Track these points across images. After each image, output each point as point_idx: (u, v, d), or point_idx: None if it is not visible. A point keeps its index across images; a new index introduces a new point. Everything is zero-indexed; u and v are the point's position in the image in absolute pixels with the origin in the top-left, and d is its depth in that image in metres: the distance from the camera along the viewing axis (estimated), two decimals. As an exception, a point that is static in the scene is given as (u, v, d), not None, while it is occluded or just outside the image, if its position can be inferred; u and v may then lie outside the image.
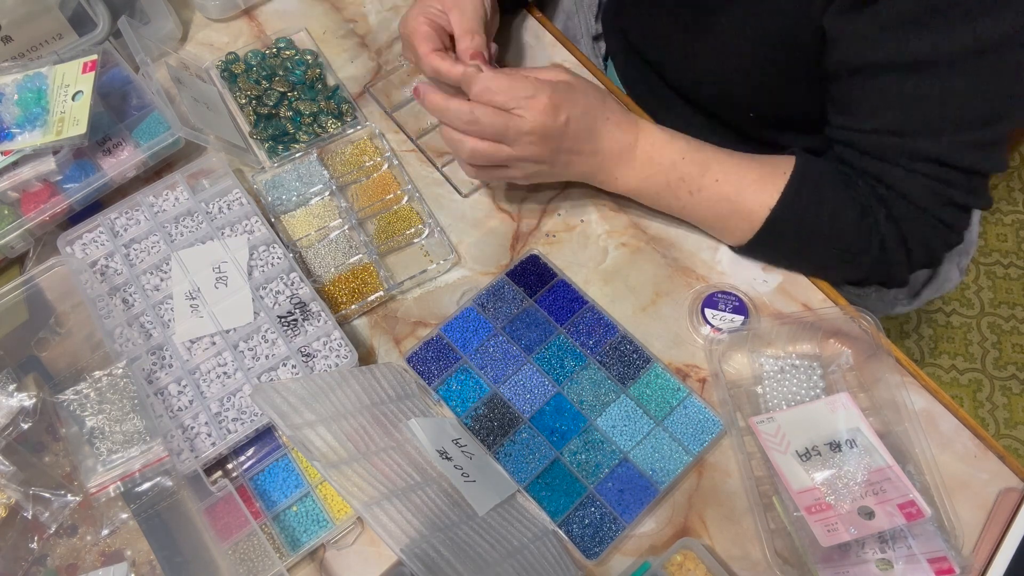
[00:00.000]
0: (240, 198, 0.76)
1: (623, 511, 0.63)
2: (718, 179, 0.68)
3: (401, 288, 0.74)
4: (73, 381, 0.66)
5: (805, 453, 0.62)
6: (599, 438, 0.66)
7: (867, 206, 0.65)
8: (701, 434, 0.66)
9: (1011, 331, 1.67)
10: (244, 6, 0.91)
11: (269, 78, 0.85)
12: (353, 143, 0.81)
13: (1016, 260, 1.75)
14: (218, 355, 0.68)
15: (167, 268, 0.72)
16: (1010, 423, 1.58)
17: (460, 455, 0.63)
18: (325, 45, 0.89)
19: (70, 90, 0.72)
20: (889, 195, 0.65)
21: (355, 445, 0.58)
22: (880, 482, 0.60)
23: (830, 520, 0.59)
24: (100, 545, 0.62)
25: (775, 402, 0.66)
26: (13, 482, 0.62)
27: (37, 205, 0.72)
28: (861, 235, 0.66)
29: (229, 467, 0.66)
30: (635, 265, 0.75)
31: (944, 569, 0.57)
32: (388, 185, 0.79)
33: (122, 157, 0.76)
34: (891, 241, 0.66)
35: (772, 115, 0.80)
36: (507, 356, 0.70)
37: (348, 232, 0.76)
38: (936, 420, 0.67)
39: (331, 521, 0.64)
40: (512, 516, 0.62)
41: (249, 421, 0.65)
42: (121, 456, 0.63)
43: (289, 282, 0.72)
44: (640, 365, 0.69)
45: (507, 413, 0.68)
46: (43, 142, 0.70)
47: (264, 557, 0.61)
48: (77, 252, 0.72)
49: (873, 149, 0.65)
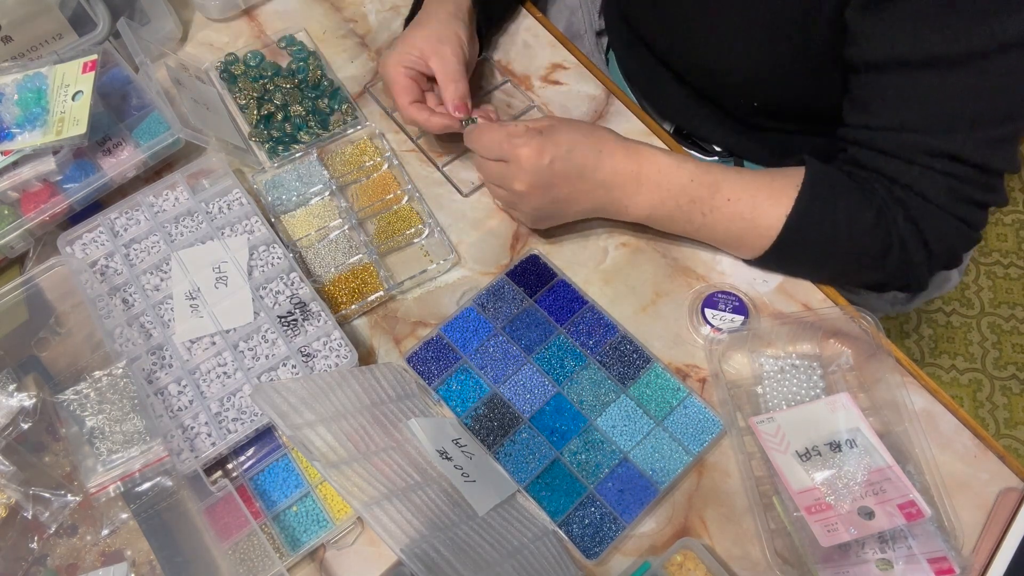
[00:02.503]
0: (240, 198, 0.76)
1: (623, 511, 0.63)
2: (730, 198, 0.67)
3: (401, 288, 0.74)
4: (73, 381, 0.66)
5: (805, 453, 0.62)
6: (599, 438, 0.66)
7: (883, 208, 0.65)
8: (701, 434, 0.66)
9: (1011, 331, 1.66)
10: (244, 6, 0.91)
11: (269, 78, 0.85)
12: (353, 143, 0.81)
13: (1016, 260, 1.75)
14: (218, 355, 0.68)
15: (167, 268, 0.72)
16: (1010, 423, 1.58)
17: (460, 455, 0.63)
18: (325, 45, 0.89)
19: (70, 90, 0.72)
20: (906, 195, 0.64)
21: (355, 445, 0.58)
22: (880, 482, 0.60)
23: (830, 520, 0.59)
24: (100, 545, 0.62)
25: (775, 402, 0.66)
26: (13, 482, 0.62)
27: (37, 205, 0.72)
28: (879, 238, 0.65)
29: (229, 467, 0.66)
30: (635, 265, 0.75)
31: (944, 569, 0.57)
32: (388, 185, 0.79)
33: (122, 157, 0.76)
34: (911, 242, 0.65)
35: (779, 106, 0.80)
36: (507, 356, 0.70)
37: (348, 232, 0.76)
38: (936, 420, 0.67)
39: (331, 521, 0.64)
40: (512, 516, 0.62)
41: (249, 421, 0.65)
42: (121, 456, 0.63)
43: (289, 282, 0.72)
44: (640, 365, 0.69)
45: (507, 413, 0.68)
46: (43, 142, 0.70)
47: (264, 557, 0.61)
48: (77, 252, 0.72)
49: (889, 147, 0.64)
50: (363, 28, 0.90)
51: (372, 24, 0.91)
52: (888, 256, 0.66)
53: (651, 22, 0.86)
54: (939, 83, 0.60)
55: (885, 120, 0.64)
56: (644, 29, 0.88)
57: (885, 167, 0.65)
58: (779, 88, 0.76)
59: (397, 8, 0.92)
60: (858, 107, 0.66)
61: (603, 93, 0.84)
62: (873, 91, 0.64)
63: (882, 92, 0.63)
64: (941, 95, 0.61)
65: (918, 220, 0.65)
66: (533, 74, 0.86)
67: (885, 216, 0.65)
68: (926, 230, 0.65)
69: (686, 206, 0.68)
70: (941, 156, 0.62)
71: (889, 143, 0.64)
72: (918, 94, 0.61)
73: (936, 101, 0.61)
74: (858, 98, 0.66)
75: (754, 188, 0.67)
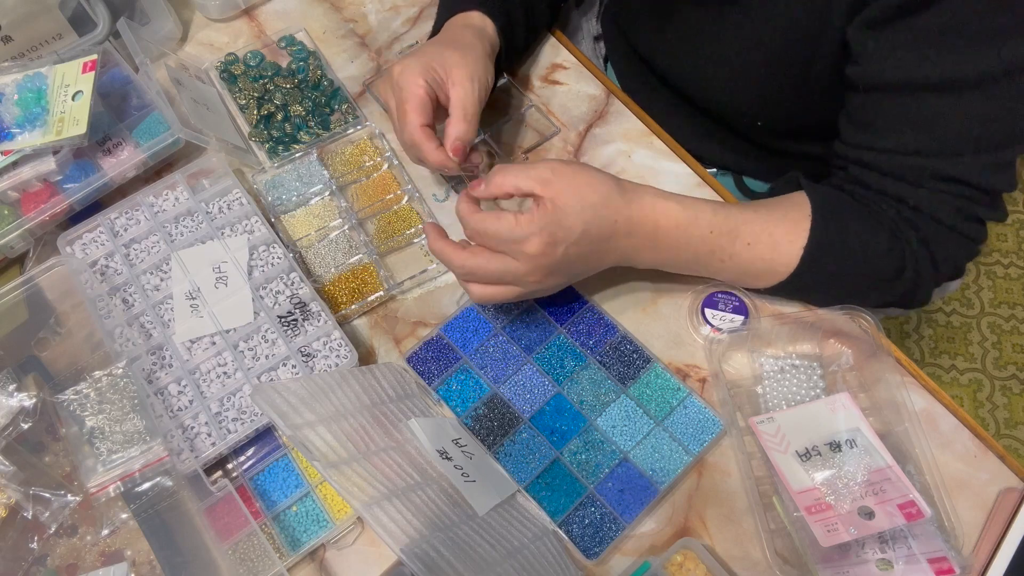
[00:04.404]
0: (240, 198, 0.76)
1: (623, 511, 0.63)
2: (749, 243, 0.64)
3: (401, 288, 0.74)
4: (73, 381, 0.66)
5: (805, 453, 0.62)
6: (599, 438, 0.66)
7: (895, 230, 0.64)
8: (701, 434, 0.66)
9: (1011, 331, 1.67)
10: (244, 6, 0.91)
11: (269, 78, 0.85)
12: (353, 143, 0.81)
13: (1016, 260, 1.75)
14: (218, 355, 0.68)
15: (167, 268, 0.72)
16: (1010, 423, 1.58)
17: (460, 455, 0.63)
18: (325, 45, 0.89)
19: (70, 90, 0.72)
20: (915, 216, 0.64)
21: (355, 445, 0.58)
22: (880, 482, 0.60)
23: (830, 520, 0.59)
24: (100, 545, 0.62)
25: (775, 402, 0.66)
26: (13, 482, 0.62)
27: (37, 205, 0.72)
28: (894, 260, 0.64)
29: (229, 467, 0.66)
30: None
31: (944, 569, 0.57)
32: (388, 185, 0.79)
33: (122, 157, 0.76)
34: (923, 262, 0.65)
35: (780, 124, 0.79)
36: (507, 356, 0.70)
37: (348, 232, 0.76)
38: (936, 420, 0.67)
39: (331, 521, 0.64)
40: (512, 516, 0.62)
41: (249, 421, 0.65)
42: (121, 456, 0.63)
43: (289, 282, 0.72)
44: (640, 365, 0.69)
45: (507, 413, 0.68)
46: (43, 142, 0.70)
47: (264, 557, 0.61)
48: (77, 252, 0.72)
49: (895, 170, 0.63)
50: (363, 28, 0.90)
51: (372, 24, 0.91)
52: (900, 278, 0.65)
53: (653, 42, 0.85)
54: (945, 106, 0.59)
55: (889, 142, 0.63)
56: (644, 47, 0.87)
57: (892, 189, 0.64)
58: (785, 107, 0.76)
59: (397, 8, 0.92)
60: (859, 127, 0.65)
61: (603, 93, 0.84)
62: (876, 112, 0.63)
63: (885, 113, 0.63)
64: (947, 119, 0.60)
65: (929, 240, 0.64)
66: (533, 74, 0.86)
67: (898, 238, 0.64)
68: (936, 250, 0.64)
69: (705, 258, 0.65)
70: (948, 180, 0.62)
71: (894, 165, 0.63)
72: (923, 117, 0.61)
73: (942, 125, 0.60)
74: (859, 117, 0.65)
75: (771, 226, 0.64)
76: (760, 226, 0.64)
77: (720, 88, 0.79)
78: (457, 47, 0.69)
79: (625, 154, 0.81)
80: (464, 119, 0.66)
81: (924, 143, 0.62)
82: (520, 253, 0.59)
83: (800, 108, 0.75)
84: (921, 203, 0.63)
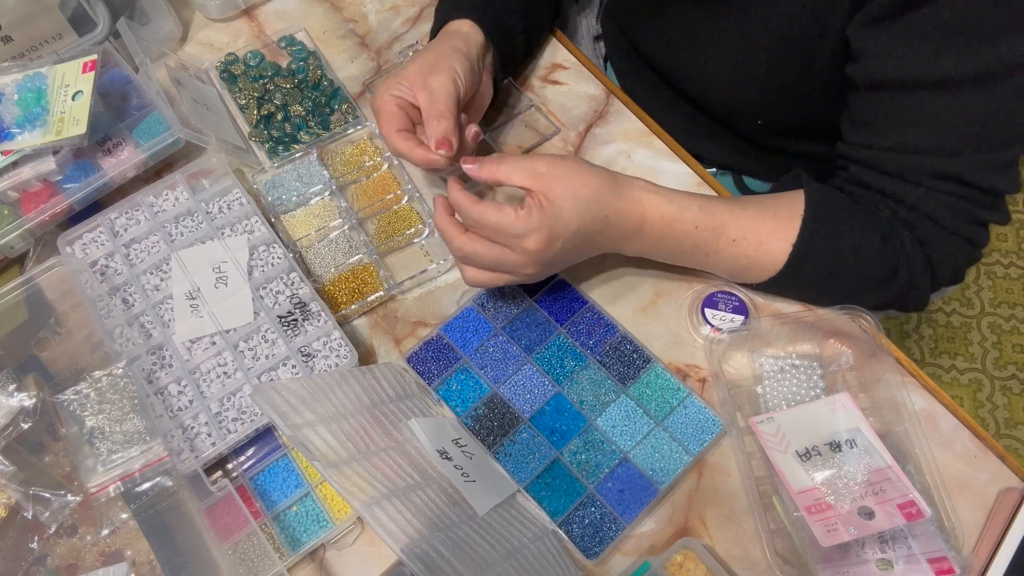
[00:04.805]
0: (240, 198, 0.76)
1: (623, 511, 0.63)
2: (735, 239, 0.65)
3: (401, 288, 0.74)
4: (73, 381, 0.66)
5: (805, 453, 0.62)
6: (599, 438, 0.66)
7: (889, 231, 0.64)
8: (701, 434, 0.66)
9: (1011, 331, 1.67)
10: (244, 6, 0.91)
11: (269, 78, 0.85)
12: (353, 143, 0.81)
13: (1016, 260, 1.75)
14: (218, 355, 0.68)
15: (167, 268, 0.72)
16: (1010, 423, 1.58)
17: (460, 455, 0.63)
18: (325, 45, 0.89)
19: (70, 90, 0.72)
20: (912, 216, 0.64)
21: (355, 445, 0.58)
22: (880, 482, 0.60)
23: (830, 520, 0.59)
24: (100, 545, 0.62)
25: (775, 402, 0.66)
26: (13, 482, 0.62)
27: (37, 205, 0.72)
28: (885, 262, 0.64)
29: (229, 467, 0.66)
30: (635, 265, 0.75)
31: (944, 569, 0.57)
32: (388, 185, 0.79)
33: (122, 157, 0.76)
34: (917, 264, 0.64)
35: (780, 123, 0.79)
36: (507, 356, 0.70)
37: (348, 232, 0.76)
38: (936, 420, 0.67)
39: (331, 521, 0.64)
40: (512, 516, 0.62)
41: (249, 421, 0.65)
42: (121, 456, 0.63)
43: (289, 282, 0.72)
44: (640, 365, 0.69)
45: (507, 413, 0.68)
46: (43, 142, 0.70)
47: (264, 557, 0.61)
48: (77, 252, 0.72)
49: (894, 168, 0.63)
50: (363, 28, 0.90)
51: (372, 24, 0.91)
52: (894, 279, 0.65)
53: (653, 42, 0.85)
54: (945, 104, 0.59)
55: (889, 140, 0.63)
56: (645, 47, 0.87)
57: (890, 188, 0.64)
58: (785, 106, 0.76)
59: (397, 8, 0.92)
60: (860, 125, 0.65)
61: (603, 93, 0.84)
62: (876, 110, 0.63)
63: (885, 111, 0.63)
64: (947, 117, 0.60)
65: (925, 242, 0.64)
66: (533, 74, 0.86)
67: (891, 239, 0.64)
68: (932, 252, 0.64)
69: (689, 251, 0.66)
70: (947, 178, 0.62)
71: (894, 164, 0.63)
72: (924, 115, 0.60)
73: (942, 123, 0.60)
74: (860, 116, 0.65)
75: (758, 223, 0.65)
76: (747, 223, 0.65)
77: (720, 87, 0.79)
78: (419, 57, 0.71)
79: (625, 154, 0.81)
80: (436, 117, 0.67)
81: (923, 141, 0.61)
82: (519, 247, 0.61)
83: (800, 107, 0.75)
84: (919, 202, 0.63)
